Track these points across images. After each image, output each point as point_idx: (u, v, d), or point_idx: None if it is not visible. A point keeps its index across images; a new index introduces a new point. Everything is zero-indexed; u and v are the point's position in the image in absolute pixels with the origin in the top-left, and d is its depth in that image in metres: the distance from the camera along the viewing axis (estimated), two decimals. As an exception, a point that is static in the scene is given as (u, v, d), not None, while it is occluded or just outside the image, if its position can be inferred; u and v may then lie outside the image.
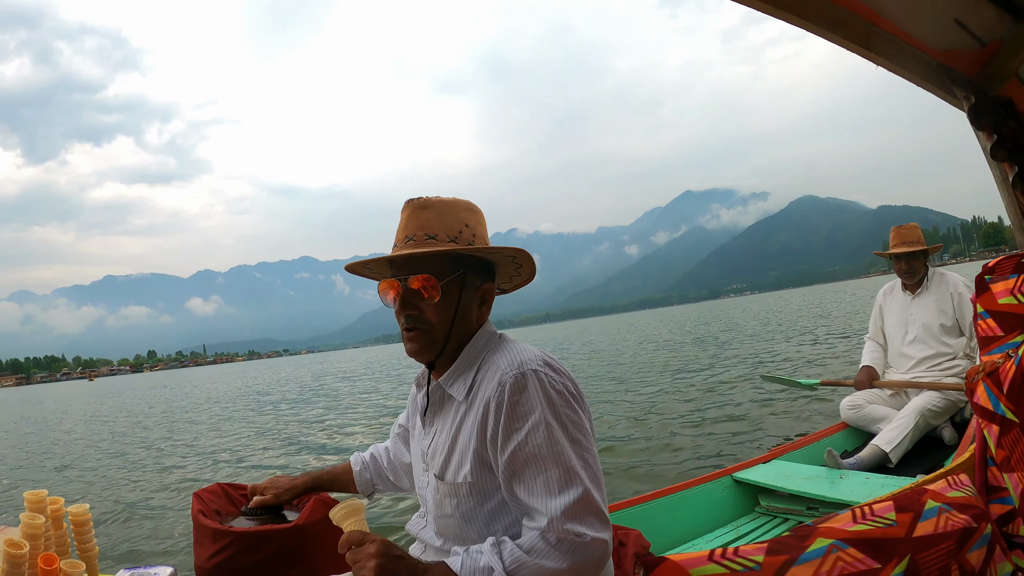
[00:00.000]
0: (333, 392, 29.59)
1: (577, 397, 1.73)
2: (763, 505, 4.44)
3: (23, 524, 2.27)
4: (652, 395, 14.37)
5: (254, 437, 16.63)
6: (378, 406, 20.23)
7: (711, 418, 10.79)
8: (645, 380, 17.39)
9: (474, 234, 1.92)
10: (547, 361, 1.75)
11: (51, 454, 18.77)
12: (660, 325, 68.09)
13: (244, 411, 25.13)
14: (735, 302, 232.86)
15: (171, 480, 12.20)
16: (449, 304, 1.87)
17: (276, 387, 40.75)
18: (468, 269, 1.90)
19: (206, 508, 2.50)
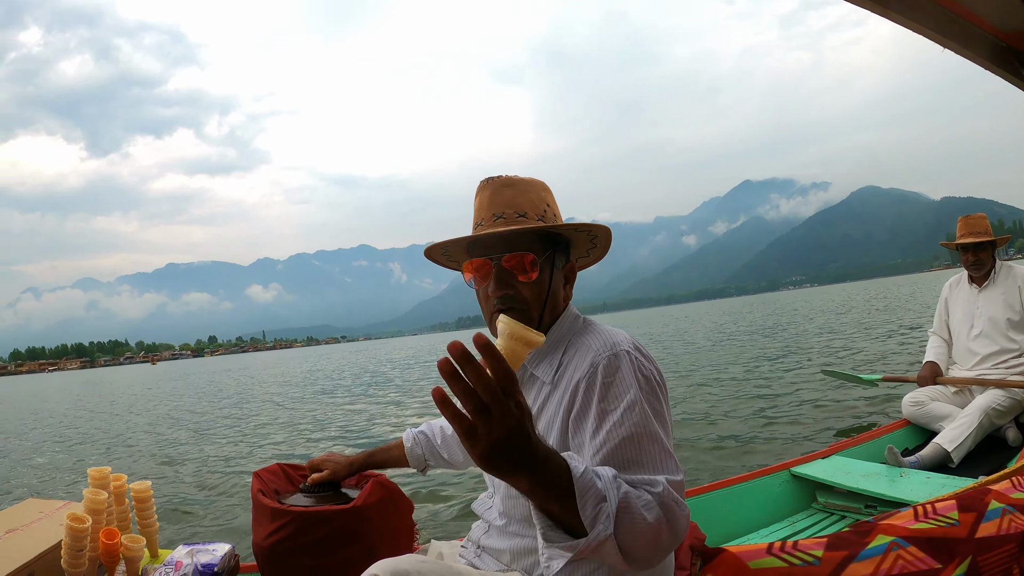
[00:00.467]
0: (400, 376, 29.91)
1: (662, 385, 1.68)
2: (820, 501, 4.32)
3: (86, 499, 2.33)
4: (710, 387, 14.22)
5: (321, 420, 16.79)
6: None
7: (770, 411, 10.67)
8: (703, 372, 17.24)
9: (555, 213, 1.91)
10: (637, 346, 1.71)
11: (117, 433, 19.15)
12: (718, 317, 67.36)
13: (314, 394, 25.41)
14: (794, 295, 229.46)
15: (233, 459, 12.39)
16: (542, 283, 1.84)
17: (342, 371, 41.10)
18: (556, 248, 1.88)
19: (265, 487, 2.53)
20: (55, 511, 2.69)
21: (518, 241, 1.81)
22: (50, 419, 27.22)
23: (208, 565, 2.31)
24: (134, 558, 2.35)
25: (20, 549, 2.29)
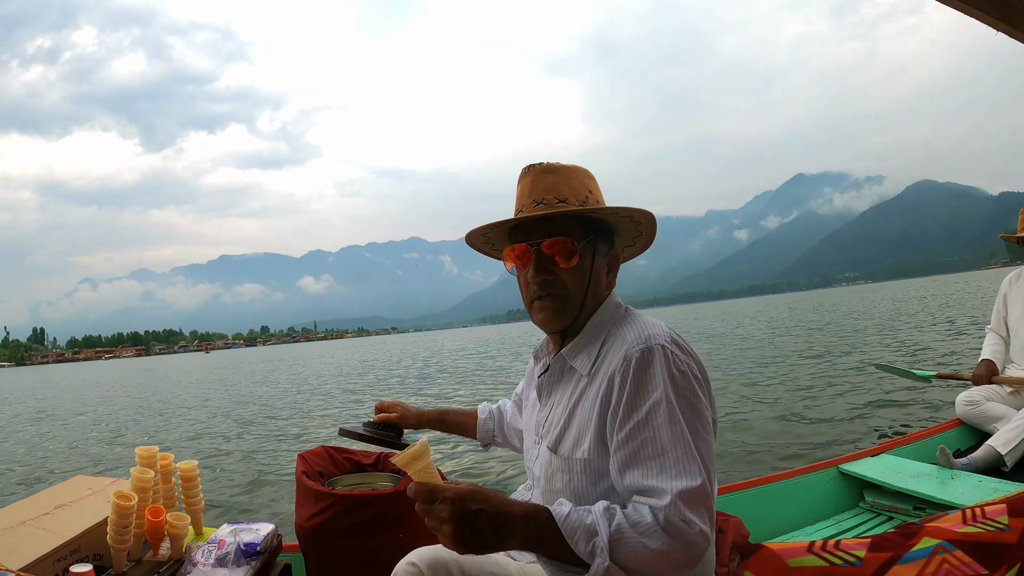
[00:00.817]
0: (454, 367, 30.08)
1: (701, 381, 1.63)
2: (868, 501, 4.21)
3: (133, 478, 2.37)
4: (760, 381, 14.12)
5: (368, 407, 16.79)
6: (505, 383, 20.27)
7: (819, 407, 10.54)
8: (753, 366, 17.10)
9: (597, 200, 1.86)
10: (675, 339, 1.66)
11: (169, 416, 19.58)
12: (770, 312, 66.89)
13: (369, 383, 25.55)
14: (848, 291, 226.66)
15: (282, 441, 12.58)
16: (583, 269, 1.82)
17: (396, 362, 41.40)
18: (598, 234, 1.86)
19: (310, 469, 2.57)
20: (103, 488, 2.75)
21: (559, 226, 1.80)
22: (105, 403, 27.86)
23: (250, 544, 2.33)
24: (178, 535, 2.38)
25: (68, 524, 2.34)
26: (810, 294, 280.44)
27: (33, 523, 2.35)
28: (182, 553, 2.38)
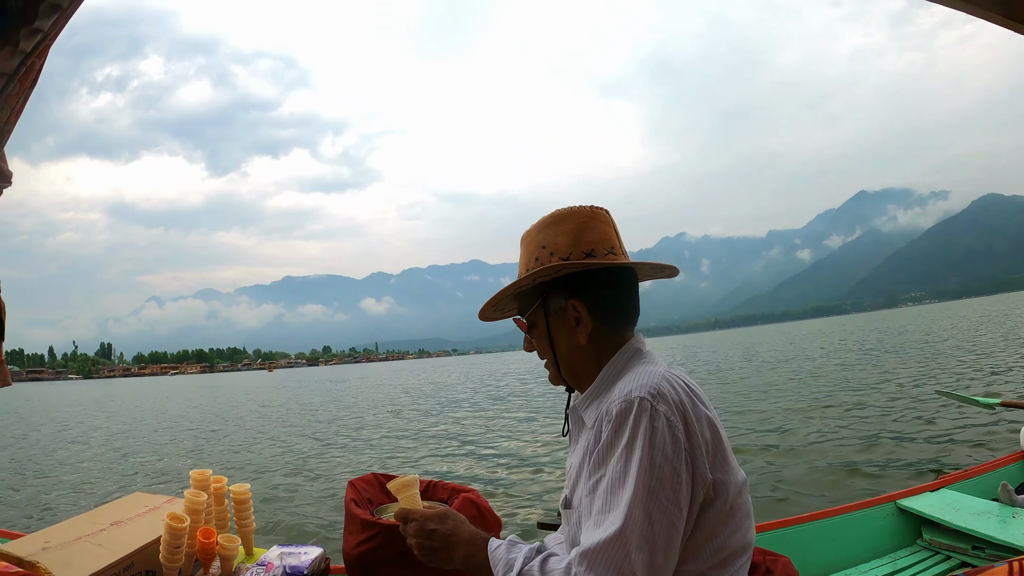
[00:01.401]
0: (521, 391, 30.01)
1: (679, 439, 1.53)
2: (925, 539, 4.06)
3: (186, 500, 2.47)
4: (816, 408, 13.93)
5: (436, 435, 16.92)
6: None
7: (880, 436, 10.33)
8: (811, 391, 16.89)
9: (553, 251, 1.81)
10: (661, 391, 1.57)
11: (231, 434, 19.88)
12: (832, 334, 65.96)
13: (434, 405, 25.75)
14: (913, 311, 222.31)
15: (337, 465, 12.70)
16: (541, 335, 1.87)
17: (461, 384, 41.54)
18: (548, 292, 1.84)
19: (359, 497, 2.60)
20: (160, 505, 2.84)
21: (513, 303, 1.96)
22: (170, 419, 28.37)
23: (295, 568, 2.39)
24: (228, 556, 2.45)
25: (123, 541, 2.42)
26: (874, 315, 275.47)
27: (90, 539, 2.43)
28: (231, 573, 2.44)
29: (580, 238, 1.80)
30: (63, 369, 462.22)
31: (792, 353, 39.81)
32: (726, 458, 1.61)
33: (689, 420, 1.55)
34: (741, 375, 27.60)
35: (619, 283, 1.83)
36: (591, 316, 1.79)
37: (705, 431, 1.57)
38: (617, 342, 1.82)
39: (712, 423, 1.60)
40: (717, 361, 41.12)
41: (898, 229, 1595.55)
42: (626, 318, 1.84)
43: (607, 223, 1.85)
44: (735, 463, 1.64)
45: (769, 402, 16.27)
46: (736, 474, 1.62)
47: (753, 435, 11.97)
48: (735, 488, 1.60)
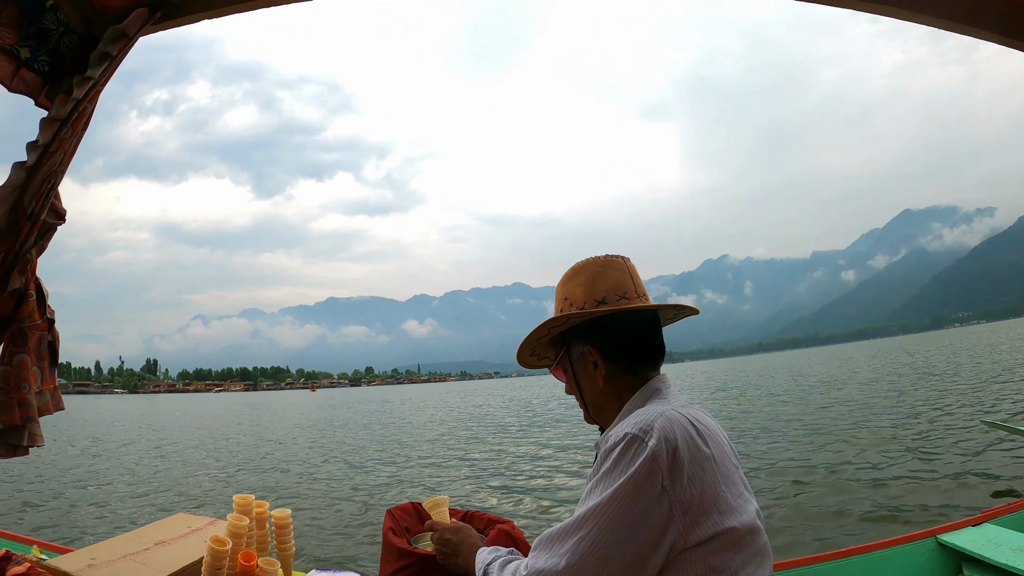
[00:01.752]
0: (563, 417, 29.78)
1: (658, 474, 1.55)
2: (966, 575, 3.81)
3: (229, 523, 2.55)
4: (856, 435, 13.75)
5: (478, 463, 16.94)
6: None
7: (921, 467, 10.17)
8: (851, 418, 16.68)
9: (572, 302, 1.98)
10: (654, 428, 1.61)
11: (275, 456, 20.05)
12: (876, 358, 65.06)
13: (479, 431, 25.73)
14: (961, 332, 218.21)
15: (377, 491, 12.77)
16: (570, 379, 2.05)
17: (506, 408, 41.70)
18: (569, 340, 2.02)
19: (397, 525, 2.64)
20: (203, 527, 2.95)
21: (546, 353, 2.17)
22: (215, 439, 28.66)
23: (330, 592, 2.45)
24: (268, 579, 2.52)
25: (166, 561, 2.52)
26: (920, 337, 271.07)
27: (134, 558, 2.54)
28: (271, 595, 2.51)
29: (593, 287, 1.95)
30: (109, 383, 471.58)
31: (834, 377, 39.36)
32: (731, 498, 1.61)
33: (677, 458, 1.57)
34: (779, 399, 27.37)
35: (632, 326, 1.94)
36: (605, 360, 1.93)
37: (701, 470, 1.58)
38: (635, 383, 1.91)
39: (714, 462, 1.62)
40: (757, 385, 40.74)
41: (944, 248, 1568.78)
42: (642, 359, 1.94)
43: (621, 270, 1.99)
44: (746, 504, 1.64)
45: (806, 428, 16.11)
46: (744, 515, 1.61)
47: (789, 463, 11.86)
48: (744, 528, 1.59)
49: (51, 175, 1.91)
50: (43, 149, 1.83)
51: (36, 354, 2.15)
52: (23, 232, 1.94)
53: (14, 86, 2.04)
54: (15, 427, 2.09)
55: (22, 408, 2.08)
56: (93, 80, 1.80)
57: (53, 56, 2.08)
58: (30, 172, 1.85)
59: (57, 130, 1.82)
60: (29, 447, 2.17)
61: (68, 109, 1.81)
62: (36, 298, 2.14)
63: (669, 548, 1.54)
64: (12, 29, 1.96)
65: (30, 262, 2.05)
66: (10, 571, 1.67)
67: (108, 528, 10.76)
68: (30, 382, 2.10)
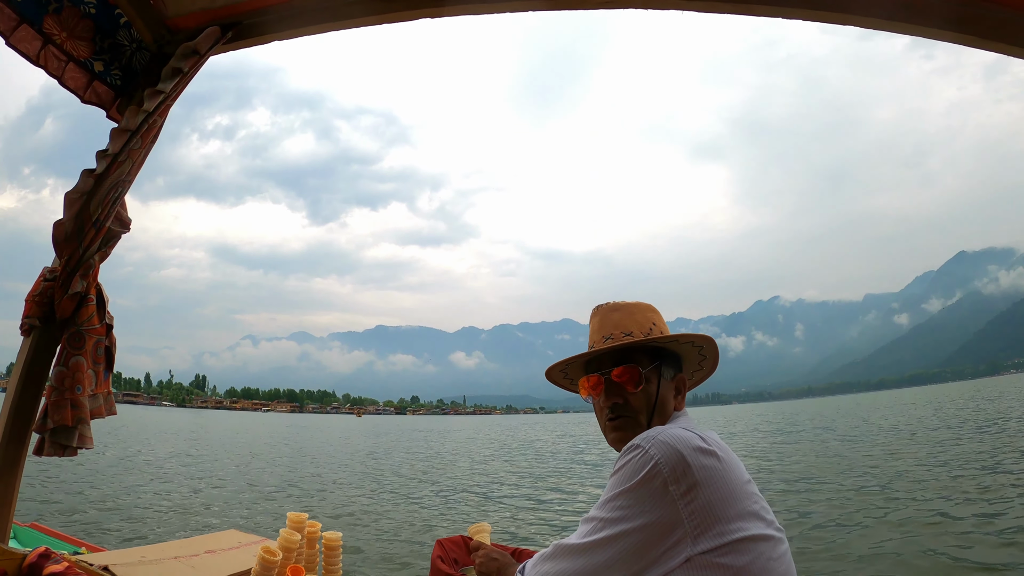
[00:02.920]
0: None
1: (657, 478, 1.63)
2: None
3: (281, 537, 2.62)
4: (910, 491, 13.37)
5: (529, 499, 16.88)
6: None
7: (981, 530, 9.78)
8: (903, 471, 16.30)
9: (661, 331, 2.12)
10: (659, 438, 1.69)
11: (323, 477, 20.21)
12: (930, 405, 63.92)
13: (534, 467, 25.77)
14: (1018, 379, 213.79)
15: (427, 521, 12.80)
16: (650, 393, 2.05)
17: (557, 443, 42.22)
18: (663, 361, 2.10)
19: (445, 555, 2.64)
20: (251, 544, 3.03)
21: (626, 356, 2.09)
22: (267, 456, 28.99)
23: (373, 616, 2.48)
24: (314, 597, 2.56)
25: (213, 568, 2.58)
26: (976, 383, 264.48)
27: (184, 560, 2.61)
28: (314, 612, 2.55)
29: (663, 325, 2.17)
30: (158, 396, 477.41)
31: (889, 426, 38.82)
32: (747, 505, 1.66)
33: (683, 463, 1.64)
34: (831, 448, 27.05)
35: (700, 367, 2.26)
36: (680, 392, 2.13)
37: (710, 478, 1.64)
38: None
39: (725, 472, 1.67)
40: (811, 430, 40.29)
41: (1000, 291, 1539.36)
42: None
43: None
44: (765, 513, 1.71)
45: (865, 478, 15.85)
46: (763, 523, 1.67)
47: (852, 515, 11.61)
48: (764, 536, 1.64)
49: (118, 184, 1.98)
50: (112, 158, 1.90)
51: (92, 357, 2.21)
52: (87, 238, 2.01)
53: (87, 98, 2.13)
54: (66, 427, 2.15)
55: (75, 409, 2.13)
56: (164, 94, 1.87)
57: (125, 71, 2.17)
58: (98, 180, 1.92)
59: (127, 141, 1.89)
60: (78, 448, 2.22)
61: (139, 121, 1.88)
62: (96, 303, 2.20)
63: (677, 550, 1.60)
64: (86, 43, 2.05)
65: (92, 267, 2.11)
66: (48, 569, 1.70)
67: (159, 536, 10.88)
68: (84, 384, 2.16)
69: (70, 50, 2.05)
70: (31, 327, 2.12)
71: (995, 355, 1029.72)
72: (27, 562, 1.84)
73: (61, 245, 2.02)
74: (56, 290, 2.10)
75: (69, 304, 2.11)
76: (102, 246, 2.10)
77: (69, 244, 2.00)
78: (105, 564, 2.22)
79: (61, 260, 2.05)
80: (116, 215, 2.09)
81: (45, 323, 2.13)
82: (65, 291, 2.07)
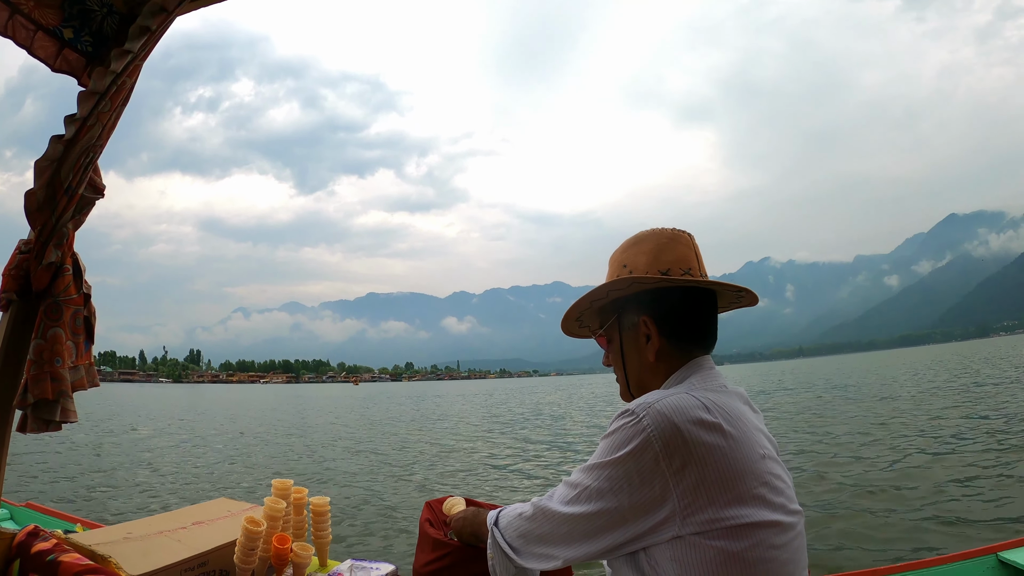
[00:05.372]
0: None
1: (647, 454, 1.50)
2: None
3: (266, 506, 2.57)
4: (903, 447, 13.44)
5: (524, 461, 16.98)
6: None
7: (977, 481, 9.86)
8: (898, 429, 16.37)
9: (632, 269, 1.85)
10: (657, 408, 1.54)
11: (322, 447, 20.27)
12: (921, 366, 64.19)
13: (534, 431, 25.46)
14: (1007, 341, 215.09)
15: (423, 485, 12.83)
16: (615, 348, 1.93)
17: (559, 406, 41.92)
18: (623, 309, 1.90)
19: (434, 518, 2.62)
20: (241, 512, 2.94)
21: (592, 317, 2.04)
22: (262, 426, 29.08)
23: (363, 583, 2.44)
24: (301, 564, 2.51)
25: (201, 539, 2.52)
26: (965, 345, 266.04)
27: (170, 534, 2.55)
28: (303, 580, 2.51)
29: (658, 257, 1.82)
30: (154, 372, 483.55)
31: (881, 383, 38.96)
32: (753, 487, 1.51)
33: (678, 438, 1.49)
34: (825, 404, 27.12)
35: (693, 304, 1.82)
36: (660, 334, 1.80)
37: (710, 454, 1.49)
38: (683, 363, 1.80)
39: (730, 449, 1.52)
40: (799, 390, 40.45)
41: (990, 254, 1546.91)
42: (696, 339, 1.82)
43: (688, 245, 1.86)
44: (775, 496, 1.54)
45: (855, 435, 15.88)
46: (772, 507, 1.52)
47: (835, 472, 11.60)
48: (768, 522, 1.50)
49: (89, 149, 1.91)
50: (81, 122, 1.83)
51: (71, 328, 2.15)
52: (60, 206, 1.94)
53: (57, 66, 2.05)
54: (48, 401, 2.08)
55: (55, 382, 2.07)
56: (132, 54, 1.79)
57: (96, 37, 2.08)
58: (68, 146, 1.85)
59: (95, 103, 1.82)
60: (62, 423, 2.16)
61: (107, 82, 1.81)
62: (72, 272, 2.14)
63: (665, 528, 1.49)
64: (55, 10, 1.96)
65: (67, 236, 2.04)
66: (36, 547, 1.67)
67: (155, 509, 10.90)
68: (64, 356, 2.10)
69: (38, 18, 1.96)
70: (8, 301, 2.06)
71: (985, 317, 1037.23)
72: (16, 541, 1.81)
73: (34, 215, 1.94)
74: (31, 262, 2.03)
75: (45, 275, 2.05)
76: (76, 213, 2.03)
77: (42, 213, 1.93)
78: (91, 543, 2.18)
79: (35, 230, 1.98)
80: (89, 181, 2.02)
81: (22, 296, 2.06)
82: (40, 262, 2.01)
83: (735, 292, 1.88)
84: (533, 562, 1.71)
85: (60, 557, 1.63)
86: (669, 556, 1.49)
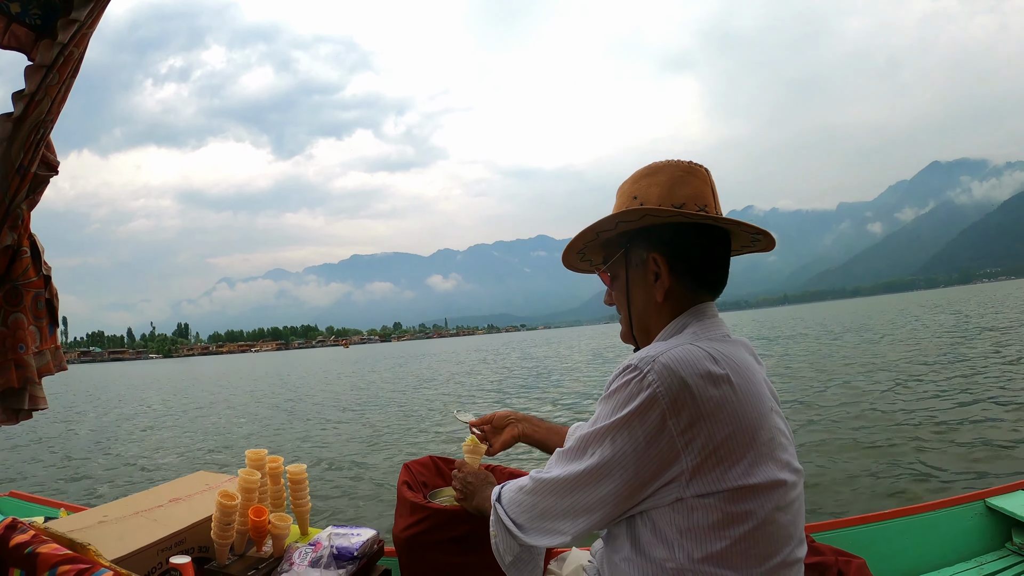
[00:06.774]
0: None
1: (653, 413, 1.41)
2: (1016, 542, 3.60)
3: (240, 478, 2.53)
4: (892, 394, 13.45)
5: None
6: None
7: (965, 427, 9.86)
8: (883, 376, 16.41)
9: (644, 201, 1.68)
10: (662, 363, 1.44)
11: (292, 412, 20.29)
12: (906, 312, 64.52)
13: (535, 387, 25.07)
14: (989, 288, 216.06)
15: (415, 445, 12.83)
16: (620, 286, 1.77)
17: (554, 358, 42.30)
18: (632, 242, 1.72)
19: (413, 480, 2.60)
20: (220, 484, 2.91)
21: (597, 251, 1.88)
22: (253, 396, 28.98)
23: (345, 548, 2.41)
24: (280, 535, 2.48)
25: (177, 517, 2.50)
26: (948, 291, 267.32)
27: (146, 514, 2.53)
28: (283, 552, 2.49)
29: (673, 191, 1.67)
30: (143, 349, 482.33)
31: (868, 329, 39.15)
32: (758, 445, 1.44)
33: (685, 395, 1.40)
34: (812, 352, 27.21)
35: (707, 243, 1.68)
36: (671, 273, 1.67)
37: (719, 409, 1.41)
38: (689, 305, 1.69)
39: (737, 404, 1.44)
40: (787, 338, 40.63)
41: (973, 201, 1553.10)
42: (707, 282, 1.71)
43: (704, 180, 1.71)
44: (779, 452, 1.49)
45: (842, 385, 15.90)
46: (773, 464, 1.45)
47: (826, 422, 11.59)
48: (770, 481, 1.43)
49: (40, 124, 1.83)
50: (29, 98, 1.75)
51: (33, 313, 2.09)
52: (12, 186, 1.86)
53: (6, 42, 1.94)
54: (14, 390, 2.02)
55: (19, 369, 2.02)
56: (79, 23, 1.71)
57: (45, 9, 1.97)
58: (17, 123, 1.77)
59: (43, 77, 1.75)
60: (32, 410, 2.11)
61: (54, 54, 1.73)
62: (31, 255, 2.07)
63: (668, 490, 1.42)
64: (0, -15, 1.87)
65: (21, 217, 1.97)
66: (15, 539, 1.63)
67: (134, 488, 10.85)
68: (27, 342, 2.04)
69: (-18, -5, 1.82)
70: (-34, 291, 2.00)
71: (967, 264, 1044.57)
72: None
73: (-16, 198, 1.87)
74: (-14, 247, 1.95)
75: (2, 259, 1.98)
76: (30, 193, 1.95)
77: (-6, 195, 1.87)
78: (68, 530, 2.15)
79: (-12, 214, 1.90)
80: (42, 158, 1.94)
81: (-20, 284, 2.00)
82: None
83: (752, 234, 1.74)
84: (538, 538, 1.63)
85: (38, 549, 1.59)
86: (669, 519, 1.43)
